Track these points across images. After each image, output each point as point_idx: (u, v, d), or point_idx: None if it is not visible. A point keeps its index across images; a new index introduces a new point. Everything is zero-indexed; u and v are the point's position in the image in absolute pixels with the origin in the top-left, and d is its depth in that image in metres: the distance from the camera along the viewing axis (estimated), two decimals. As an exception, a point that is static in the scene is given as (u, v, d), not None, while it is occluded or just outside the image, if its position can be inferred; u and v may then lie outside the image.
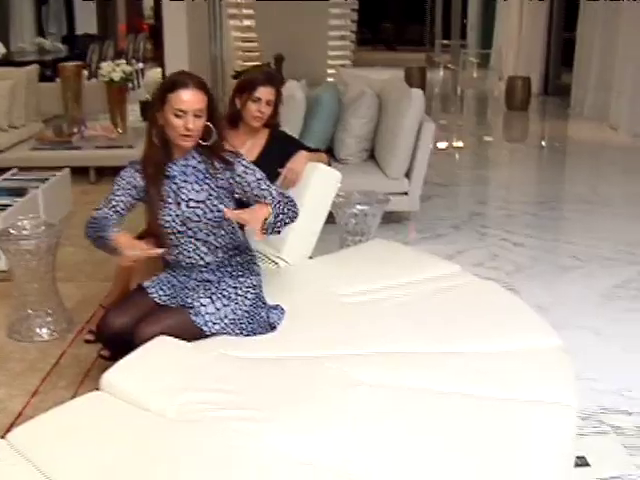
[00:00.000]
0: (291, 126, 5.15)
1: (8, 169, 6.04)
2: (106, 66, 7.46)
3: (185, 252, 2.93)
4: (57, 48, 13.63)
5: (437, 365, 2.56)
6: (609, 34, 10.34)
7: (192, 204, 2.85)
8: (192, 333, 2.80)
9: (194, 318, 2.82)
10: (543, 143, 10.06)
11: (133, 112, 9.75)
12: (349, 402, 2.33)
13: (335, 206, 4.20)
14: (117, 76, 7.41)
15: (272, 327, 2.90)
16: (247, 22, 13.37)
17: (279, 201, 2.89)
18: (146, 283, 3.00)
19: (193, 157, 2.89)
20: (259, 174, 2.93)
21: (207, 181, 2.88)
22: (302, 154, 3.65)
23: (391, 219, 5.39)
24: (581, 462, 2.70)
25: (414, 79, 13.16)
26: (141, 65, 13.56)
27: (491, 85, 14.00)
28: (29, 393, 3.29)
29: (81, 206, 5.88)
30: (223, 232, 2.93)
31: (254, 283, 2.98)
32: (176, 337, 2.74)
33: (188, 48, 8.93)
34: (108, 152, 6.92)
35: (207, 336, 2.83)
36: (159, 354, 2.65)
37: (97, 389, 2.50)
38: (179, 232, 2.88)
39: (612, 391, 3.24)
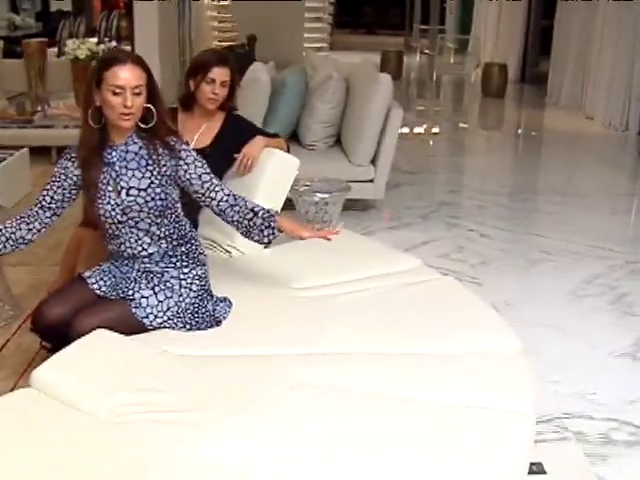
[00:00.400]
0: (255, 109, 5.00)
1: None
2: (71, 43, 7.26)
3: (127, 243, 2.76)
4: (28, 24, 13.33)
5: (387, 367, 2.43)
6: (586, 23, 10.25)
7: (133, 192, 2.69)
8: (133, 326, 2.66)
9: (135, 310, 2.67)
10: (519, 131, 9.95)
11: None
12: (290, 406, 2.20)
13: (295, 193, 4.08)
14: (82, 54, 7.22)
15: (217, 322, 2.76)
16: (223, 1, 13.19)
17: (231, 205, 2.77)
18: (87, 273, 2.84)
19: (134, 142, 2.72)
20: (207, 168, 2.79)
21: (150, 167, 2.71)
22: (259, 139, 3.51)
23: (356, 207, 5.26)
24: (537, 469, 2.58)
25: (390, 64, 13.01)
26: (114, 43, 13.28)
27: (468, 71, 13.86)
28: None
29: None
30: (166, 221, 2.77)
31: (199, 274, 2.83)
32: (116, 330, 2.59)
33: (158, 27, 8.73)
34: (70, 132, 6.70)
35: (149, 330, 2.69)
36: (95, 349, 2.49)
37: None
38: (119, 222, 2.72)
39: (575, 394, 3.13)
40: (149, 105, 2.68)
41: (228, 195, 2.78)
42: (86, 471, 1.93)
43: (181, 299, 2.74)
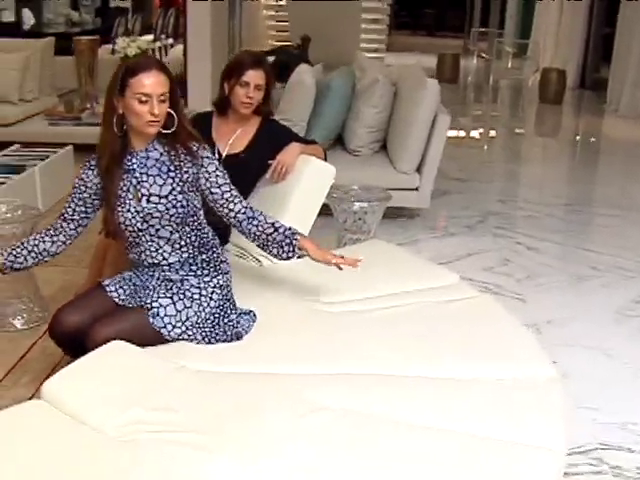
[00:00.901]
0: (299, 111, 4.91)
1: (13, 144, 5.86)
2: (121, 41, 7.25)
3: (147, 251, 2.68)
4: (85, 20, 13.44)
5: (411, 392, 2.30)
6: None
7: (153, 199, 2.61)
8: (150, 337, 2.57)
9: (152, 320, 2.58)
10: (576, 139, 9.67)
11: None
12: (305, 430, 2.08)
13: (333, 201, 3.96)
14: (132, 52, 7.17)
15: (238, 336, 2.65)
16: (280, 1, 13.13)
17: (249, 217, 2.69)
18: (106, 281, 2.76)
19: (155, 148, 2.65)
20: (228, 178, 2.72)
21: (171, 174, 2.63)
22: (294, 146, 3.39)
23: (400, 215, 5.12)
24: (569, 506, 2.42)
25: (446, 67, 12.80)
26: (170, 41, 13.32)
27: (526, 76, 13.57)
28: (-11, 388, 3.10)
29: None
30: (188, 229, 2.68)
31: (221, 283, 2.73)
32: (133, 340, 2.50)
33: (211, 26, 8.69)
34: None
35: (167, 340, 2.59)
36: (109, 362, 2.41)
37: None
38: (140, 230, 2.63)
39: (615, 423, 2.93)
40: (170, 110, 2.61)
41: (246, 208, 2.71)
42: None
43: (201, 309, 2.64)
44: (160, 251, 2.66)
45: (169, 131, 2.63)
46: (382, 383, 2.34)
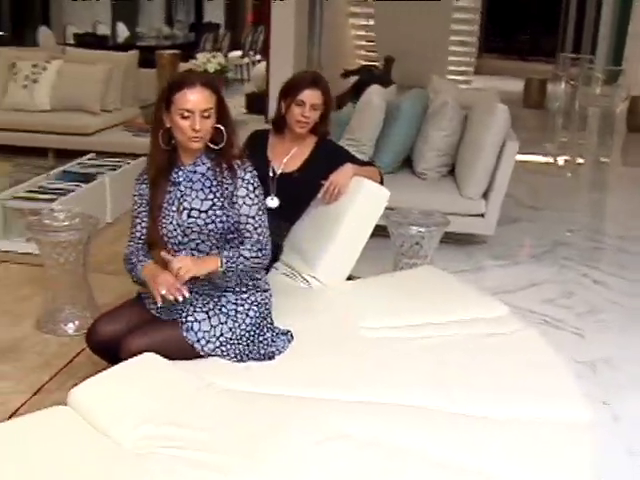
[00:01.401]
0: (367, 132, 4.90)
1: (95, 153, 6.03)
2: (201, 57, 7.37)
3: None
4: (176, 35, 13.76)
5: (441, 427, 2.23)
6: None
7: (194, 213, 2.63)
8: (183, 351, 2.58)
9: (185, 334, 2.59)
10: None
11: (240, 104, 9.74)
12: (321, 457, 2.05)
13: (391, 225, 3.91)
14: (212, 67, 7.31)
15: (270, 356, 2.63)
16: (366, 21, 13.17)
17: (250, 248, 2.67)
18: (145, 292, 2.79)
19: (202, 163, 2.68)
20: (255, 209, 2.69)
21: (213, 189, 2.66)
22: (348, 167, 3.36)
23: (466, 241, 5.03)
24: None
25: (533, 92, 12.57)
26: (258, 57, 13.50)
27: (615, 104, 13.23)
28: (33, 391, 3.15)
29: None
30: (228, 245, 2.68)
31: (258, 300, 2.72)
32: (166, 354, 2.52)
33: (294, 43, 8.79)
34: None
35: (200, 355, 2.59)
36: (137, 374, 2.43)
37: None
38: (180, 243, 2.66)
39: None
40: (219, 126, 2.63)
41: (253, 245, 2.69)
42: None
43: (236, 325, 2.64)
44: None
45: (217, 147, 2.65)
46: (412, 415, 2.28)
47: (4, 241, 4.71)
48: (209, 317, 2.63)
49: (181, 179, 2.68)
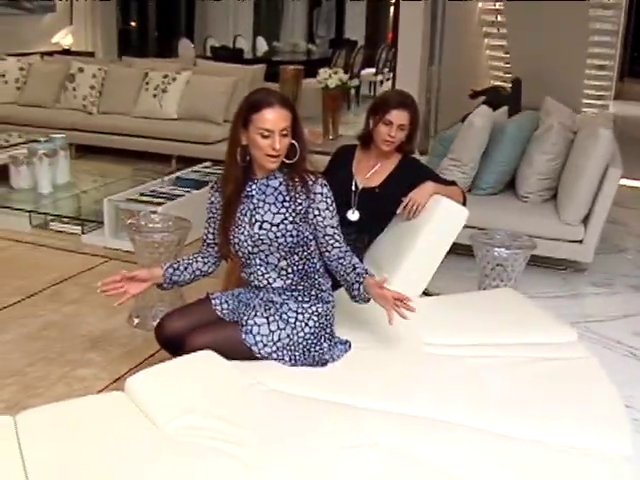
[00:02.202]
0: (468, 153, 4.91)
1: (211, 161, 6.30)
2: (323, 72, 7.52)
3: (255, 274, 2.81)
4: (312, 50, 14.07)
5: (474, 445, 2.24)
6: None
7: (265, 226, 2.73)
8: (242, 351, 2.69)
9: (244, 336, 2.70)
10: None
11: (358, 122, 9.81)
12: (347, 463, 2.11)
13: (475, 245, 3.92)
14: (332, 83, 7.45)
15: (323, 364, 2.71)
16: (500, 42, 13.04)
17: (339, 257, 2.77)
18: (215, 294, 2.94)
19: (275, 177, 2.78)
20: (336, 220, 2.79)
21: (285, 204, 2.75)
22: (428, 185, 3.41)
23: (564, 266, 4.94)
24: None
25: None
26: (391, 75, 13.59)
27: None
28: (112, 379, 3.35)
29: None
30: (297, 257, 2.78)
31: (319, 311, 2.80)
32: (225, 353, 2.64)
33: (420, 62, 8.82)
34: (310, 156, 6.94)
35: (257, 357, 2.70)
36: (192, 369, 2.57)
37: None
38: (250, 253, 2.77)
39: None
40: (294, 141, 2.72)
41: (343, 252, 2.78)
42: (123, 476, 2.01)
43: (294, 332, 2.73)
44: (266, 275, 2.79)
45: (291, 161, 2.74)
46: (451, 432, 2.30)
47: (114, 240, 5.01)
48: (268, 322, 2.73)
49: (254, 192, 2.78)
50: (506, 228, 4.16)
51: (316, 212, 2.74)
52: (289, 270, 2.78)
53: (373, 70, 13.85)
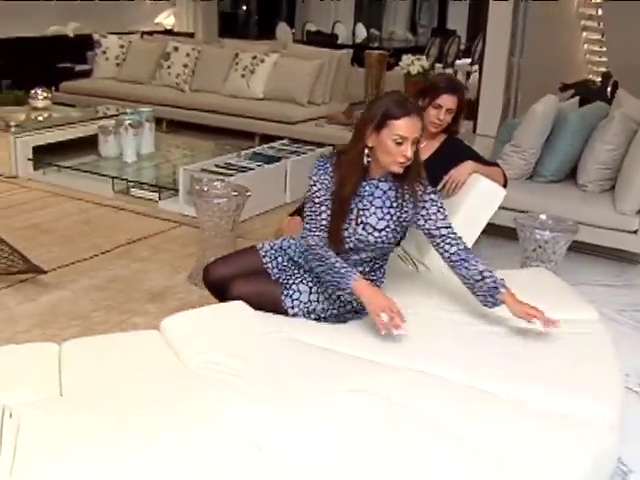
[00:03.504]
0: (527, 140, 5.01)
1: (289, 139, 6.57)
2: (406, 59, 7.69)
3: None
4: (407, 38, 14.20)
5: (461, 400, 2.40)
6: None
7: (368, 229, 2.83)
8: (277, 308, 2.90)
9: (284, 298, 2.89)
10: None
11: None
12: (338, 404, 2.30)
13: (519, 227, 4.05)
14: (414, 69, 7.61)
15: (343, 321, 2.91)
16: (598, 36, 12.86)
17: (462, 259, 2.82)
18: (266, 246, 3.11)
19: (386, 180, 2.85)
20: (448, 219, 2.88)
21: (391, 210, 2.84)
22: (467, 164, 3.57)
23: (619, 257, 4.99)
24: None
25: None
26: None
27: None
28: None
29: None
30: (382, 257, 2.96)
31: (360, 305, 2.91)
32: (262, 305, 2.87)
33: (507, 53, 8.86)
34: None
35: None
36: (225, 316, 2.84)
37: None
38: (348, 248, 2.88)
39: None
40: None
41: (462, 250, 2.83)
42: (141, 400, 2.28)
43: (330, 308, 2.91)
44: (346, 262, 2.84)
45: (409, 163, 2.77)
46: (443, 386, 2.47)
47: (188, 206, 5.33)
48: (310, 291, 2.89)
49: (365, 193, 2.83)
50: (561, 215, 4.26)
51: (426, 217, 2.82)
52: (365, 266, 2.93)
53: (469, 60, 13.86)
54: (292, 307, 2.90)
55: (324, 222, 2.82)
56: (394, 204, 2.83)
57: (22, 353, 2.60)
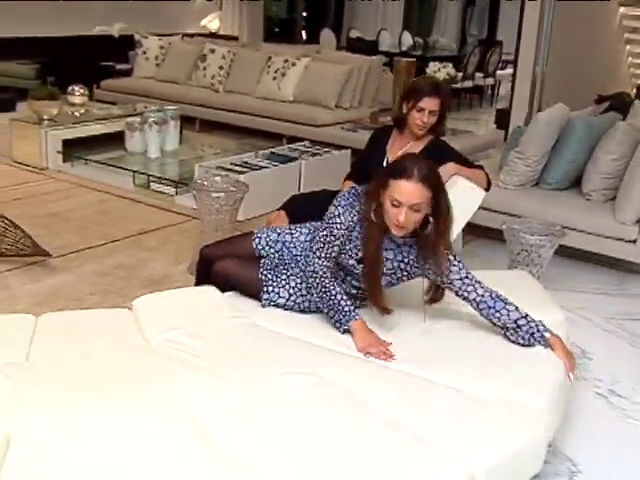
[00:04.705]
0: (531, 147, 5.09)
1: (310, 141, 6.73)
2: (432, 66, 7.80)
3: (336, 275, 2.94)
4: (446, 46, 14.31)
5: (402, 388, 2.54)
6: None
7: (387, 272, 2.86)
8: (253, 296, 3.03)
9: (263, 295, 2.99)
10: None
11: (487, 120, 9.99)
12: (282, 384, 2.46)
13: (506, 230, 4.14)
14: (440, 76, 7.72)
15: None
16: (641, 49, 12.77)
17: (489, 307, 2.80)
18: (262, 232, 3.17)
19: (408, 245, 2.84)
20: (465, 275, 2.83)
21: (402, 265, 2.85)
22: (449, 165, 3.69)
23: (620, 266, 5.03)
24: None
25: None
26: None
27: None
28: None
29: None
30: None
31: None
32: (240, 289, 3.05)
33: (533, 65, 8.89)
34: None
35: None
36: (191, 297, 3.07)
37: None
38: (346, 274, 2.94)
39: None
40: (429, 216, 2.72)
41: (482, 296, 2.80)
42: (96, 368, 2.48)
43: (305, 314, 3.00)
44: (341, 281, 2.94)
45: (426, 232, 2.75)
46: (387, 375, 2.62)
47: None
48: (289, 296, 2.97)
49: (388, 246, 2.82)
50: (560, 222, 4.35)
51: (448, 284, 2.81)
52: (354, 279, 2.94)
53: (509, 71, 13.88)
54: (269, 302, 3.00)
55: (334, 254, 2.85)
56: (410, 262, 2.83)
57: (1, 322, 2.80)
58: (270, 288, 2.99)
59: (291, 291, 2.98)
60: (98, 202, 5.68)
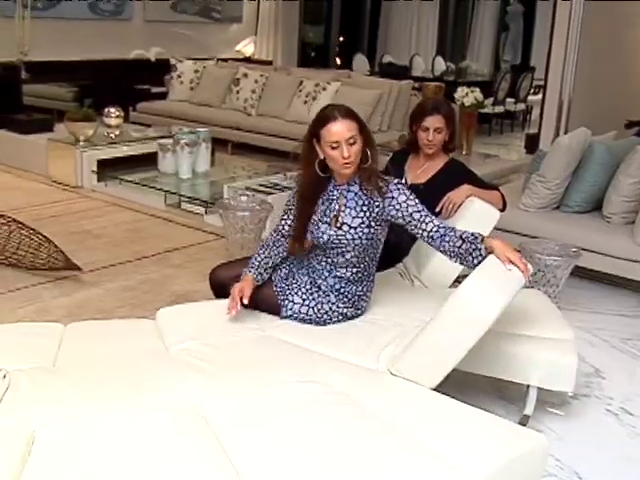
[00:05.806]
0: (552, 171, 5.16)
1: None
2: (460, 90, 7.89)
3: (316, 259, 3.14)
4: (477, 72, 14.43)
5: (401, 397, 2.66)
6: None
7: (345, 228, 3.02)
8: (272, 308, 3.16)
9: (282, 306, 3.13)
10: None
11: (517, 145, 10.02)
12: (289, 392, 2.58)
13: (523, 251, 4.21)
14: (468, 101, 7.81)
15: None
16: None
17: (442, 235, 2.94)
18: None
19: (355, 182, 3.04)
20: (418, 204, 2.99)
21: (364, 208, 3.01)
22: (465, 187, 3.79)
23: (638, 289, 5.07)
24: None
25: None
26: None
27: None
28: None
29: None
30: (367, 258, 3.11)
31: (349, 315, 3.15)
32: (258, 306, 3.15)
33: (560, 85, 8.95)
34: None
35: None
36: (212, 310, 3.17)
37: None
38: (327, 248, 3.08)
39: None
40: (366, 148, 2.97)
41: (438, 226, 2.95)
42: (118, 373, 2.62)
43: (319, 322, 3.13)
44: (331, 265, 3.11)
45: (365, 166, 2.99)
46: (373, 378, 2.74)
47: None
48: (303, 303, 3.11)
49: (336, 196, 3.05)
50: (580, 244, 4.41)
51: (397, 207, 2.96)
52: (354, 267, 3.10)
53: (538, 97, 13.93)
54: (286, 313, 3.13)
55: (280, 227, 3.18)
56: (365, 201, 2.99)
57: (31, 330, 2.97)
58: (283, 297, 3.13)
59: (304, 296, 3.12)
60: (130, 220, 5.87)
